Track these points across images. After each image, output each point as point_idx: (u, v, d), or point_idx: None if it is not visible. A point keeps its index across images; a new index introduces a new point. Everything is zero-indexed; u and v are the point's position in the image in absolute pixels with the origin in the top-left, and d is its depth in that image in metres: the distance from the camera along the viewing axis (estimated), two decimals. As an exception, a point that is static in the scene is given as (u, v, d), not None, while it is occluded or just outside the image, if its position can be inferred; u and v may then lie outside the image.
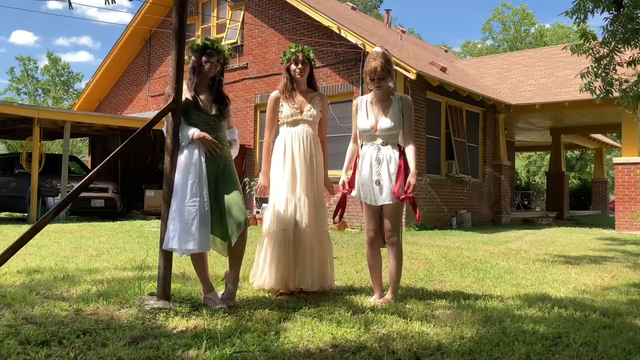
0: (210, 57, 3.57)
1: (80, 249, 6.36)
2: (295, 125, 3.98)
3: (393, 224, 3.72)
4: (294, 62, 4.00)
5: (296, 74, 4.00)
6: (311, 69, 4.07)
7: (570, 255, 6.77)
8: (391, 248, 3.76)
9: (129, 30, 16.06)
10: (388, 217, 3.72)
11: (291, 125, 3.99)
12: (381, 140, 3.72)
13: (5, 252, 3.09)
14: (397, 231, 3.75)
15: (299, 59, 3.98)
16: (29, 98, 47.61)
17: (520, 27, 42.11)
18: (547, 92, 13.31)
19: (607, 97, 6.77)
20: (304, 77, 4.04)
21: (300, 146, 3.93)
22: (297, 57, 3.98)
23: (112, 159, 3.44)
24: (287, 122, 3.99)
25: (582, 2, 6.23)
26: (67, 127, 12.18)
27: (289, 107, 3.98)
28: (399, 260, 3.76)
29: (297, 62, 3.99)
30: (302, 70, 4.00)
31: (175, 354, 2.50)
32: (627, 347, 2.75)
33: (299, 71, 3.99)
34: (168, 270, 3.40)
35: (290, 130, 3.98)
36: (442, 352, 2.61)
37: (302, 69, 3.99)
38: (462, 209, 12.39)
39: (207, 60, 3.56)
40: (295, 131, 3.96)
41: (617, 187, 11.97)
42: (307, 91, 4.09)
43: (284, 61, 4.06)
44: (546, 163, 34.62)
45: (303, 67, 4.00)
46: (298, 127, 3.98)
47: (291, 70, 4.02)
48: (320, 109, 4.05)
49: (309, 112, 3.99)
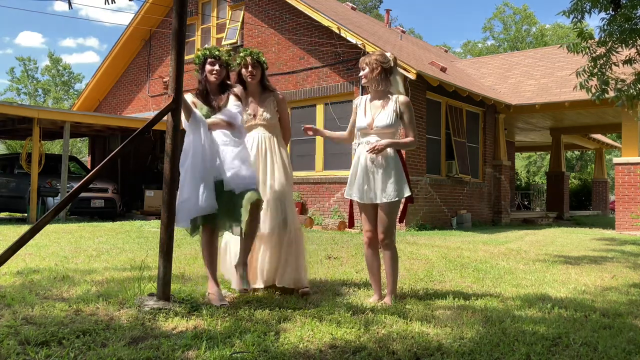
0: (212, 66, 3.72)
1: (80, 249, 6.35)
2: (250, 130, 4.02)
3: (386, 226, 3.71)
4: (244, 67, 4.01)
5: (247, 78, 4.00)
6: (262, 72, 4.08)
7: (570, 256, 6.77)
8: (384, 250, 3.76)
9: (129, 30, 16.06)
10: (382, 217, 3.72)
11: (248, 130, 3.99)
12: (376, 139, 3.72)
13: (5, 253, 3.09)
14: (390, 233, 3.74)
15: (248, 62, 3.99)
16: (29, 98, 47.62)
17: (521, 26, 42.11)
18: (547, 92, 13.31)
19: (602, 96, 6.77)
20: (255, 80, 4.03)
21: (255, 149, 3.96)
22: (247, 61, 3.99)
23: (111, 159, 3.44)
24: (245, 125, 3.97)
25: (579, 2, 6.23)
26: (67, 127, 12.18)
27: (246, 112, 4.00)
28: (394, 262, 3.75)
29: (246, 66, 3.99)
30: (253, 74, 4.00)
31: (175, 354, 2.50)
32: (627, 348, 2.75)
33: (249, 75, 3.99)
34: (168, 270, 3.40)
35: (250, 132, 4.02)
36: (442, 353, 2.61)
37: (252, 72, 3.99)
38: (462, 209, 12.39)
39: (210, 69, 3.72)
40: (251, 136, 4.01)
41: (617, 188, 11.97)
42: (261, 94, 4.10)
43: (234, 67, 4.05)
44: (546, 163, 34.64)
45: (253, 70, 4.00)
46: (253, 132, 4.02)
47: (243, 74, 4.03)
48: (275, 109, 4.08)
49: (262, 116, 4.02)
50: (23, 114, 11.71)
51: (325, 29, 11.49)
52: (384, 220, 3.71)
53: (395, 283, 3.79)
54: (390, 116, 3.73)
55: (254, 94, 4.09)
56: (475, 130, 13.54)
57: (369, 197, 3.72)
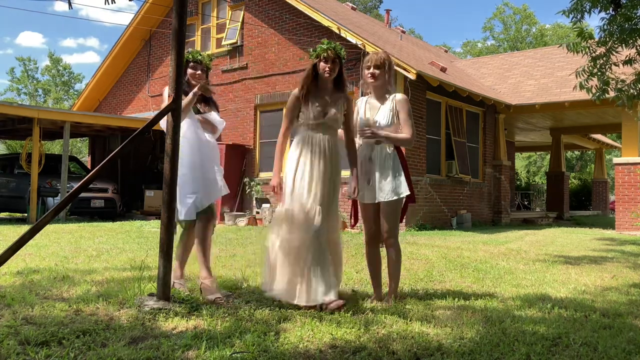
0: (194, 70, 3.95)
1: (80, 250, 6.35)
2: (316, 129, 3.66)
3: (389, 225, 3.71)
4: (323, 60, 3.64)
5: (325, 72, 3.64)
6: (341, 68, 3.71)
7: (570, 256, 6.76)
8: (388, 249, 3.75)
9: (129, 30, 16.05)
10: (384, 217, 3.72)
11: (312, 128, 3.66)
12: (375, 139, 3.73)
13: (4, 253, 3.09)
14: (393, 232, 3.74)
15: (330, 56, 3.62)
16: (29, 98, 47.61)
17: (521, 26, 42.11)
18: (547, 92, 13.31)
19: (602, 96, 6.78)
20: (332, 76, 3.68)
21: (320, 152, 3.62)
22: (328, 54, 3.62)
23: (111, 159, 3.44)
24: (309, 124, 3.66)
25: (579, 2, 6.23)
26: (67, 127, 12.18)
27: (312, 109, 3.64)
28: (397, 262, 3.75)
29: (327, 59, 3.63)
30: (332, 70, 3.64)
31: (175, 354, 2.50)
32: (627, 348, 2.75)
33: (328, 70, 3.63)
34: (168, 270, 3.40)
35: (311, 133, 3.66)
36: (442, 353, 2.61)
37: (332, 67, 3.63)
38: (462, 209, 12.39)
39: (193, 74, 3.94)
40: (316, 135, 3.65)
41: (617, 188, 11.96)
42: (333, 92, 3.73)
43: (312, 56, 3.70)
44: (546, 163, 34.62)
45: (334, 65, 3.64)
46: (320, 130, 3.66)
47: (319, 68, 3.67)
48: (345, 112, 3.73)
49: (333, 116, 3.67)
50: (23, 114, 11.71)
51: (325, 29, 11.49)
52: (386, 219, 3.71)
53: (397, 283, 3.79)
54: (387, 116, 3.74)
55: (325, 90, 3.71)
56: (475, 130, 13.54)
57: (370, 197, 3.72)
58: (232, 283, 4.22)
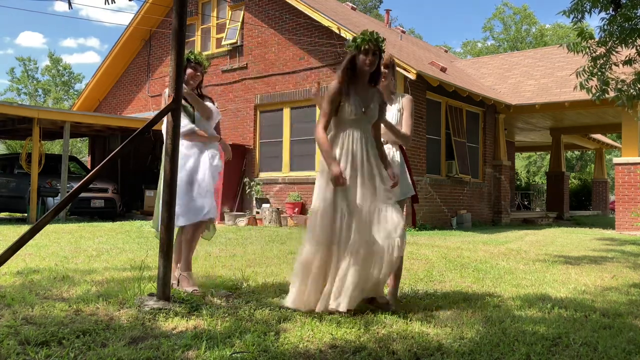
0: (195, 71, 4.01)
1: (79, 250, 6.35)
2: (354, 125, 3.47)
3: None
4: (363, 53, 3.42)
5: (365, 66, 3.43)
6: (379, 62, 3.52)
7: (570, 256, 6.76)
8: None
9: (129, 30, 16.06)
10: None
11: (352, 124, 3.47)
12: (382, 139, 3.73)
13: (4, 253, 3.09)
14: None
15: (371, 49, 3.41)
16: (29, 98, 47.62)
17: (521, 26, 42.11)
18: (547, 92, 13.31)
19: (602, 96, 6.78)
20: (372, 70, 3.49)
21: (362, 149, 3.46)
22: (370, 47, 3.40)
23: (111, 159, 3.44)
24: (349, 120, 3.46)
25: (579, 2, 6.23)
26: (67, 127, 12.18)
27: (352, 104, 3.45)
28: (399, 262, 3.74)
29: (367, 52, 3.41)
30: (373, 63, 3.45)
31: (175, 354, 2.50)
32: (627, 348, 2.75)
33: (369, 63, 3.42)
34: (168, 270, 3.40)
35: (350, 130, 3.48)
36: (442, 353, 2.61)
37: (373, 60, 3.43)
38: (462, 209, 12.39)
39: (193, 74, 4.00)
40: (356, 132, 3.47)
41: (617, 188, 11.96)
42: (369, 86, 3.55)
43: (351, 47, 3.49)
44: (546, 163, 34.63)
45: (375, 58, 3.44)
46: (358, 127, 3.48)
47: (359, 60, 3.45)
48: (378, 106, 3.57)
49: (372, 112, 3.51)
50: (23, 114, 11.71)
51: (325, 29, 11.49)
52: None
53: (397, 284, 3.79)
54: (396, 116, 3.75)
55: (363, 85, 3.51)
56: (475, 130, 13.54)
57: None
58: (232, 283, 4.21)
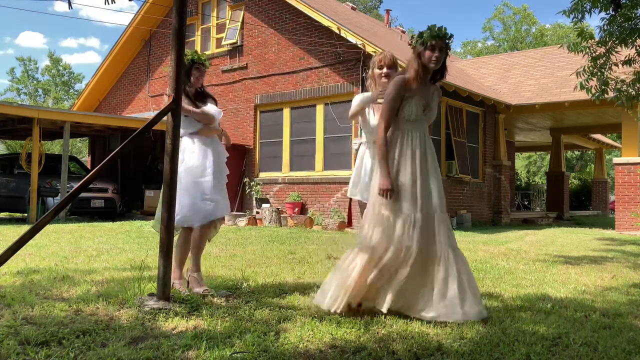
0: (200, 72, 4.01)
1: (79, 250, 6.35)
2: (414, 125, 3.34)
3: None
4: (429, 48, 3.25)
5: (431, 63, 3.26)
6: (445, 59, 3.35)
7: (570, 256, 6.76)
8: None
9: (129, 30, 16.06)
10: None
11: (414, 123, 3.33)
12: None
13: (4, 253, 3.09)
14: None
15: (437, 44, 3.25)
16: (29, 98, 47.62)
17: (521, 26, 42.11)
18: (547, 92, 13.31)
19: (602, 96, 6.79)
20: (436, 67, 3.33)
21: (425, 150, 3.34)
22: (436, 42, 3.24)
23: (111, 159, 3.44)
24: (411, 119, 3.32)
25: (579, 2, 6.23)
26: (67, 127, 12.18)
27: (415, 103, 3.30)
28: None
29: (433, 47, 3.24)
30: (439, 60, 3.28)
31: (175, 354, 2.50)
32: (627, 348, 2.74)
33: (435, 60, 3.26)
34: (168, 270, 3.40)
35: (412, 129, 3.33)
36: (442, 353, 2.61)
37: (439, 56, 3.27)
38: (462, 209, 12.39)
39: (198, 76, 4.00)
40: (419, 132, 3.34)
41: (617, 188, 11.97)
42: (429, 85, 3.42)
43: (416, 43, 3.30)
44: (546, 163, 34.63)
45: (441, 54, 3.27)
46: (418, 127, 3.35)
47: (424, 56, 3.28)
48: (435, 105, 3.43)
49: (432, 112, 3.39)
50: (23, 114, 11.71)
51: (325, 29, 11.49)
52: None
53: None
54: None
55: (425, 82, 3.36)
56: (475, 130, 13.55)
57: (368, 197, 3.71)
58: (232, 283, 4.21)
